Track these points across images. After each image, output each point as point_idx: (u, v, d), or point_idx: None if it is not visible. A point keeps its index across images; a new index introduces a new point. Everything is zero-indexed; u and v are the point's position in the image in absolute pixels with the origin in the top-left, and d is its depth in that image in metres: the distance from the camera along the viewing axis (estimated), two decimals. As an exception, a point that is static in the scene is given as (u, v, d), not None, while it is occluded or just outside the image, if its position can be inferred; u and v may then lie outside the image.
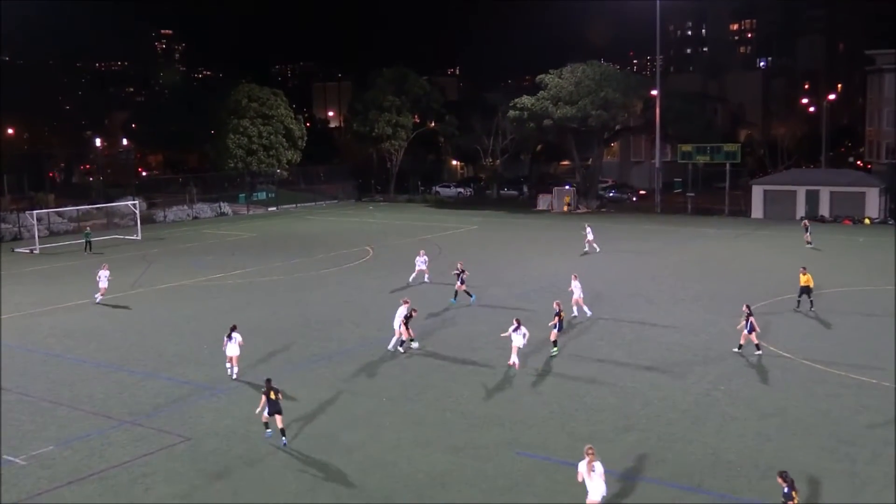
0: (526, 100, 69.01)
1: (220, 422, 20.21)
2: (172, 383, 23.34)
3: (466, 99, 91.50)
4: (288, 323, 30.42)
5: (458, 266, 33.23)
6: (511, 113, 69.78)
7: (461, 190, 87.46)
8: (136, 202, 61.96)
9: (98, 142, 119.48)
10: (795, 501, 13.19)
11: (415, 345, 25.96)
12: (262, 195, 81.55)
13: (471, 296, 32.90)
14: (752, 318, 24.48)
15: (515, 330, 23.61)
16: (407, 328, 25.82)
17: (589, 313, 29.74)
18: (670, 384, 22.33)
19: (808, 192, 61.54)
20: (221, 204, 74.68)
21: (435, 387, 22.53)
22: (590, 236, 45.63)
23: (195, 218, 70.71)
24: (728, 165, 66.16)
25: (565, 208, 69.28)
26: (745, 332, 24.54)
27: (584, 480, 14.27)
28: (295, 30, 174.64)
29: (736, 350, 24.96)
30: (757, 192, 63.70)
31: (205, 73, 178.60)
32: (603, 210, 70.14)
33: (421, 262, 36.90)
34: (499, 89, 79.47)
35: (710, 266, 41.10)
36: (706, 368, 23.77)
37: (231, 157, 79.28)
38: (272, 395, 18.50)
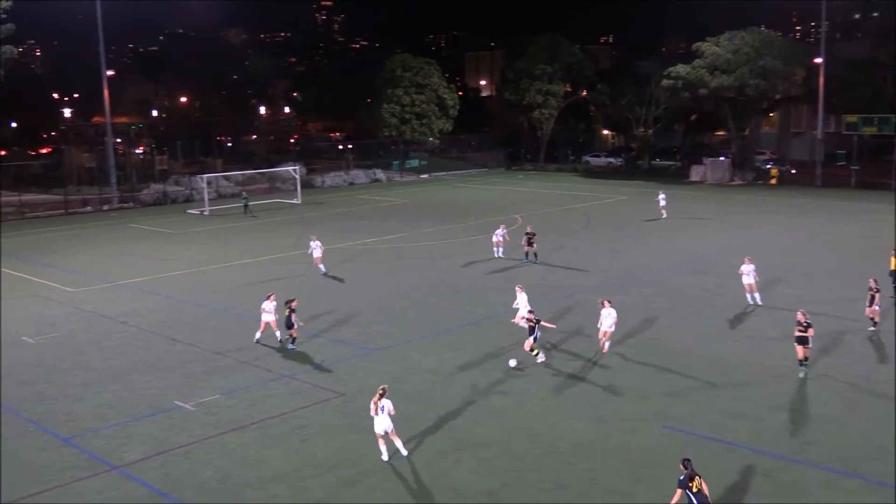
0: (681, 68, 66.87)
1: (370, 379, 21.06)
2: (327, 341, 24.51)
3: (619, 67, 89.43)
4: (437, 288, 31.18)
5: (528, 230, 35.56)
6: (665, 82, 67.84)
7: (612, 159, 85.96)
8: (297, 168, 64.70)
9: (262, 110, 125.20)
10: (696, 486, 12.90)
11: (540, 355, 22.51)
12: (415, 163, 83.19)
13: (534, 259, 34.85)
14: (877, 294, 23.45)
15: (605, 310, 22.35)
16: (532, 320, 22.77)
17: (760, 302, 27.40)
18: (827, 364, 21.43)
19: None
20: (376, 171, 76.91)
21: (581, 357, 22.60)
22: (662, 203, 46.70)
23: (351, 184, 73.12)
24: (898, 137, 61.75)
25: (773, 181, 66.53)
26: (874, 307, 23.60)
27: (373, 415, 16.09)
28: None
29: (871, 329, 23.91)
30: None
31: (362, 43, 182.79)
32: (759, 182, 67.21)
33: (499, 235, 36.67)
34: (653, 58, 77.14)
35: (876, 243, 38.75)
36: (866, 349, 22.65)
37: (385, 126, 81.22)
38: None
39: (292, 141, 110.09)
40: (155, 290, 31.96)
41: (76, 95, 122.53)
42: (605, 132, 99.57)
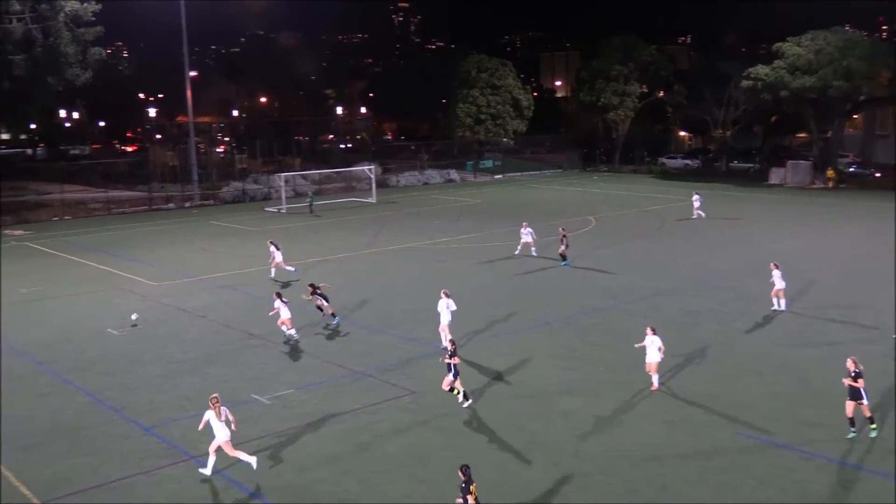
0: (761, 69, 65.38)
1: (442, 378, 21.22)
2: (399, 339, 24.79)
3: (697, 68, 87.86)
4: (508, 288, 31.20)
5: (561, 231, 35.03)
6: (744, 83, 66.41)
7: (688, 161, 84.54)
8: (372, 167, 65.54)
9: (339, 110, 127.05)
10: (474, 494, 12.83)
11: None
12: (489, 163, 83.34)
13: (564, 260, 34.51)
14: None
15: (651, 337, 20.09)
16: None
17: (783, 308, 26.77)
18: (913, 375, 20.70)
19: None
20: (450, 171, 77.33)
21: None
22: (696, 204, 46.87)
23: (425, 183, 73.63)
24: None
25: (830, 184, 64.83)
26: None
27: (211, 426, 15.90)
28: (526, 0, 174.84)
29: None
30: None
31: (437, 44, 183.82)
32: (841, 186, 65.15)
33: (526, 234, 36.65)
34: (732, 58, 75.61)
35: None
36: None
37: (460, 126, 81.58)
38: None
39: (355, 137, 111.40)
40: (233, 285, 32.79)
41: (160, 96, 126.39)
42: (682, 133, 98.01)
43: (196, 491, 15.44)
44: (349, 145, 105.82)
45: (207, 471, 16.07)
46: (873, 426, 17.22)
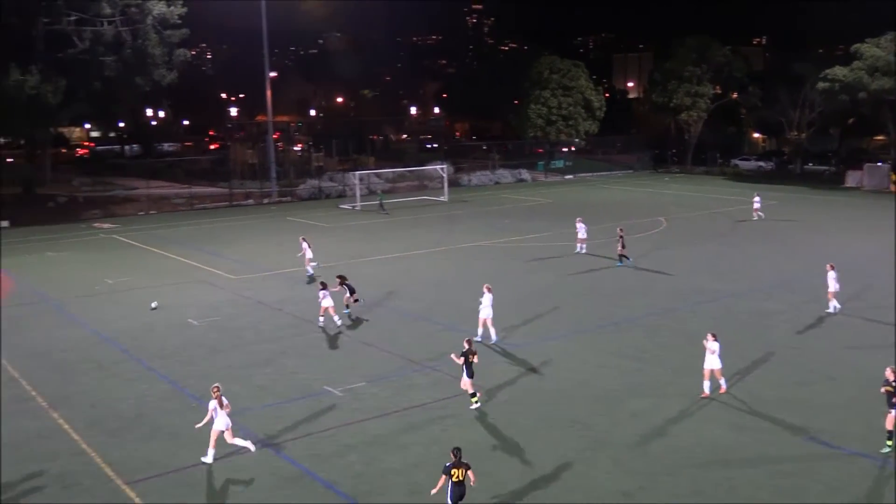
0: (838, 70, 63.81)
1: (509, 375, 21.55)
2: (467, 335, 25.06)
3: (772, 69, 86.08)
4: (577, 287, 31.27)
5: (619, 231, 35.12)
6: (821, 84, 64.88)
7: (762, 163, 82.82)
8: (444, 166, 66.12)
9: (413, 110, 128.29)
10: (458, 475, 13.51)
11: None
12: (560, 163, 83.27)
13: (627, 259, 34.53)
14: None
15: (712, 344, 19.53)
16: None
17: (833, 310, 26.41)
18: None
19: None
20: (521, 170, 77.54)
21: (725, 362, 22.07)
22: (757, 205, 47.08)
23: (496, 183, 73.92)
24: None
25: (893, 187, 62.94)
26: None
27: (213, 416, 16.45)
28: (598, 1, 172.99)
29: None
30: None
31: (511, 45, 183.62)
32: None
33: (581, 231, 37.32)
34: (808, 59, 73.87)
35: None
36: None
37: (531, 127, 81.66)
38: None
39: (426, 136, 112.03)
40: (307, 279, 33.62)
41: (241, 95, 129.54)
42: (756, 135, 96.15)
43: (270, 479, 15.99)
44: (434, 144, 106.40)
45: (209, 458, 16.65)
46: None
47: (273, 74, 67.74)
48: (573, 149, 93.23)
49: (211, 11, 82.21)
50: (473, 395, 19.26)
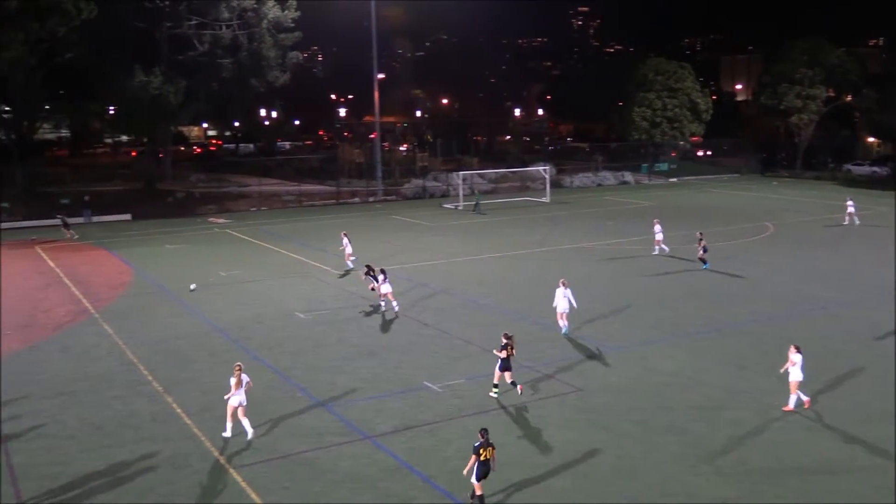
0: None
1: (609, 378, 21.45)
2: (568, 337, 25.15)
3: (889, 71, 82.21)
4: (678, 291, 30.82)
5: (698, 234, 35.09)
6: (942, 87, 61.70)
7: (876, 169, 79.07)
8: (547, 168, 66.04)
9: (517, 111, 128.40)
10: (485, 455, 14.43)
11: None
12: (664, 166, 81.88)
13: (704, 263, 34.39)
14: None
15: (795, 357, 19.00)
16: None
17: None
18: None
19: None
20: (624, 173, 76.74)
21: (832, 370, 21.45)
22: (850, 210, 46.29)
23: (599, 185, 73.33)
24: None
25: None
26: None
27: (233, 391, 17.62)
28: (707, 2, 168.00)
29: None
30: None
31: (616, 47, 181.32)
32: None
33: (658, 232, 37.64)
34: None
35: None
36: None
37: (636, 129, 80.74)
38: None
39: (529, 138, 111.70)
40: (410, 277, 34.24)
41: (350, 97, 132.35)
42: (870, 139, 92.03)
43: (370, 469, 16.42)
44: (550, 146, 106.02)
45: (227, 433, 17.90)
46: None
47: (381, 76, 68.96)
48: (674, 154, 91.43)
49: (322, 15, 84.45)
50: (496, 385, 20.06)
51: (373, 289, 28.95)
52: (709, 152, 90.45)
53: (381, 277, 28.17)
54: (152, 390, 21.11)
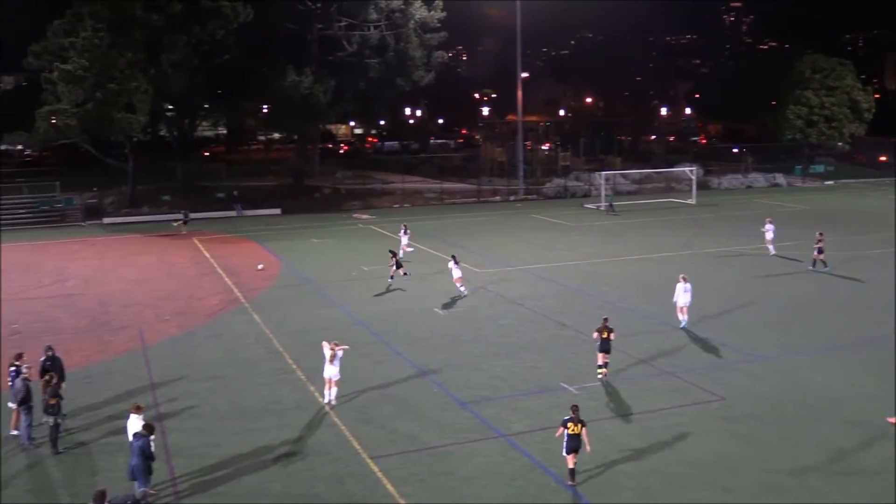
0: None
1: (755, 388, 20.57)
2: (710, 343, 24.31)
3: None
4: (833, 300, 29.31)
5: (818, 235, 34.17)
6: None
7: None
8: (694, 169, 64.05)
9: (663, 110, 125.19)
10: (573, 430, 15.39)
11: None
12: (820, 168, 77.60)
13: (825, 265, 33.69)
14: None
15: None
16: None
17: None
18: None
19: None
20: (776, 175, 73.36)
21: None
22: None
23: (748, 187, 70.44)
24: None
25: None
26: None
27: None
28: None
29: None
30: None
31: (770, 44, 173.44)
32: None
33: (769, 231, 37.01)
34: None
35: None
36: None
37: (790, 129, 77.10)
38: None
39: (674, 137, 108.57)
40: (550, 277, 34.03)
41: (493, 95, 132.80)
42: None
43: (503, 467, 16.45)
44: (708, 146, 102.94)
45: (326, 399, 19.82)
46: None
47: (525, 75, 68.78)
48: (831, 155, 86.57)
49: (468, 15, 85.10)
50: (602, 366, 21.16)
51: (392, 276, 31.69)
52: (882, 158, 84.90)
53: (451, 263, 30.46)
54: (296, 378, 21.89)
